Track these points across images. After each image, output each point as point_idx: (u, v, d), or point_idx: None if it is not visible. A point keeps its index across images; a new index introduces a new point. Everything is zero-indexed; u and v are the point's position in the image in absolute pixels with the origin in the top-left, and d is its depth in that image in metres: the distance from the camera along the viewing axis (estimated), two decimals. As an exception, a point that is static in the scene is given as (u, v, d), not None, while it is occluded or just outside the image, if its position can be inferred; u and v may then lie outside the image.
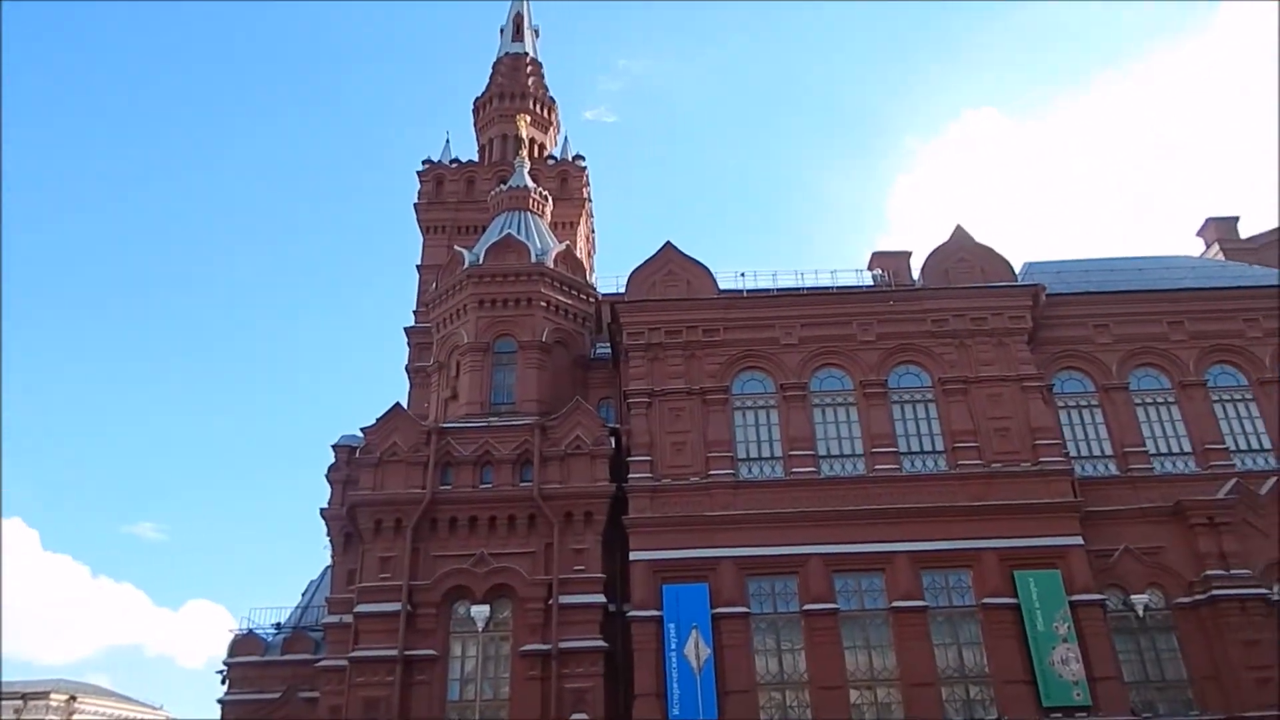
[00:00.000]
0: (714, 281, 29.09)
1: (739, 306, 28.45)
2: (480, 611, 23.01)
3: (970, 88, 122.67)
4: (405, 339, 37.03)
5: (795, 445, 26.33)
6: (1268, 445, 26.86)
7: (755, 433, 26.93)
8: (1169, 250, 35.73)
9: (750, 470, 26.27)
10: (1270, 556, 24.66)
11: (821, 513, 25.00)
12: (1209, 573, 24.27)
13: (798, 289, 29.69)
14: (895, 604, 23.95)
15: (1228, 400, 27.63)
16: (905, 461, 26.29)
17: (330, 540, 29.14)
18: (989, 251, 29.15)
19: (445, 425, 27.40)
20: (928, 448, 26.53)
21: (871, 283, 32.63)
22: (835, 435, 26.85)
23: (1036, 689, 22.72)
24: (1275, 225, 35.94)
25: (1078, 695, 22.44)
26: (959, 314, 27.80)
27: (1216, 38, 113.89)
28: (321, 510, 29.36)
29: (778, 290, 29.61)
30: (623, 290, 29.82)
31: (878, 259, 34.68)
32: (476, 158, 44.82)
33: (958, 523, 24.79)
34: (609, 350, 30.63)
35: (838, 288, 29.89)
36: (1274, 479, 25.51)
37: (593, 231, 47.09)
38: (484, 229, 35.32)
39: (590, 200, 44.78)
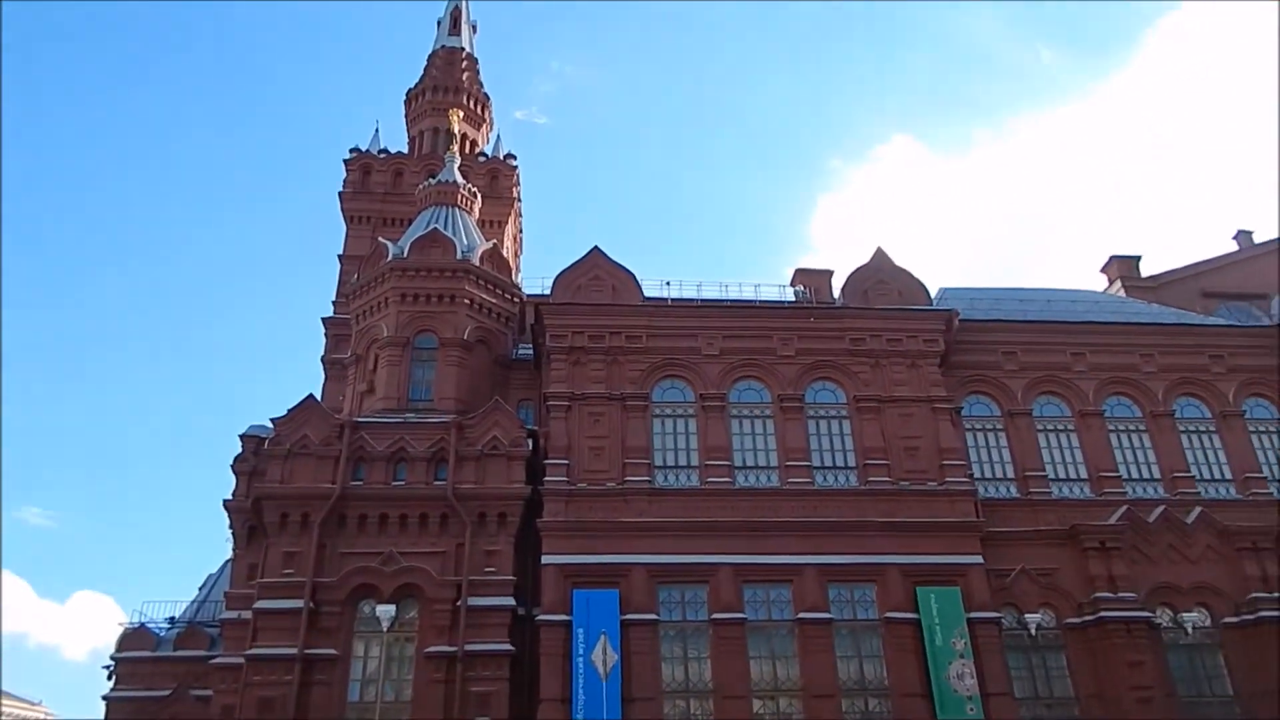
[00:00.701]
0: (639, 289, 29.19)
1: (663, 315, 28.60)
2: (386, 611, 22.57)
3: (894, 118, 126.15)
4: (323, 330, 36.27)
5: (712, 455, 26.57)
6: (1157, 475, 28.15)
7: (673, 441, 27.07)
8: (1076, 284, 37.38)
9: (666, 478, 26.40)
10: (1155, 581, 25.85)
11: (734, 523, 25.26)
12: (1098, 595, 25.30)
13: (722, 301, 30.04)
14: (802, 615, 24.32)
15: (1122, 430, 28.88)
16: (818, 476, 26.74)
17: (232, 533, 28.28)
18: (907, 275, 29.93)
19: (359, 419, 26.84)
20: (840, 463, 27.05)
21: (794, 299, 33.25)
22: (751, 447, 27.17)
23: (933, 702, 23.33)
24: (1173, 266, 37.87)
25: (971, 710, 23.11)
26: (876, 334, 28.44)
27: (1125, 88, 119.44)
28: (225, 502, 28.47)
29: (702, 301, 29.90)
30: (548, 292, 29.73)
31: (800, 275, 35.33)
32: (406, 149, 44.19)
33: (866, 538, 25.32)
34: (531, 352, 30.46)
35: (761, 302, 30.36)
36: (1161, 508, 26.75)
37: (520, 231, 46.83)
38: (410, 222, 34.82)
39: (520, 200, 44.54)
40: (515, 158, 43.26)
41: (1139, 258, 38.03)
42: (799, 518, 25.48)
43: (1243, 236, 39.25)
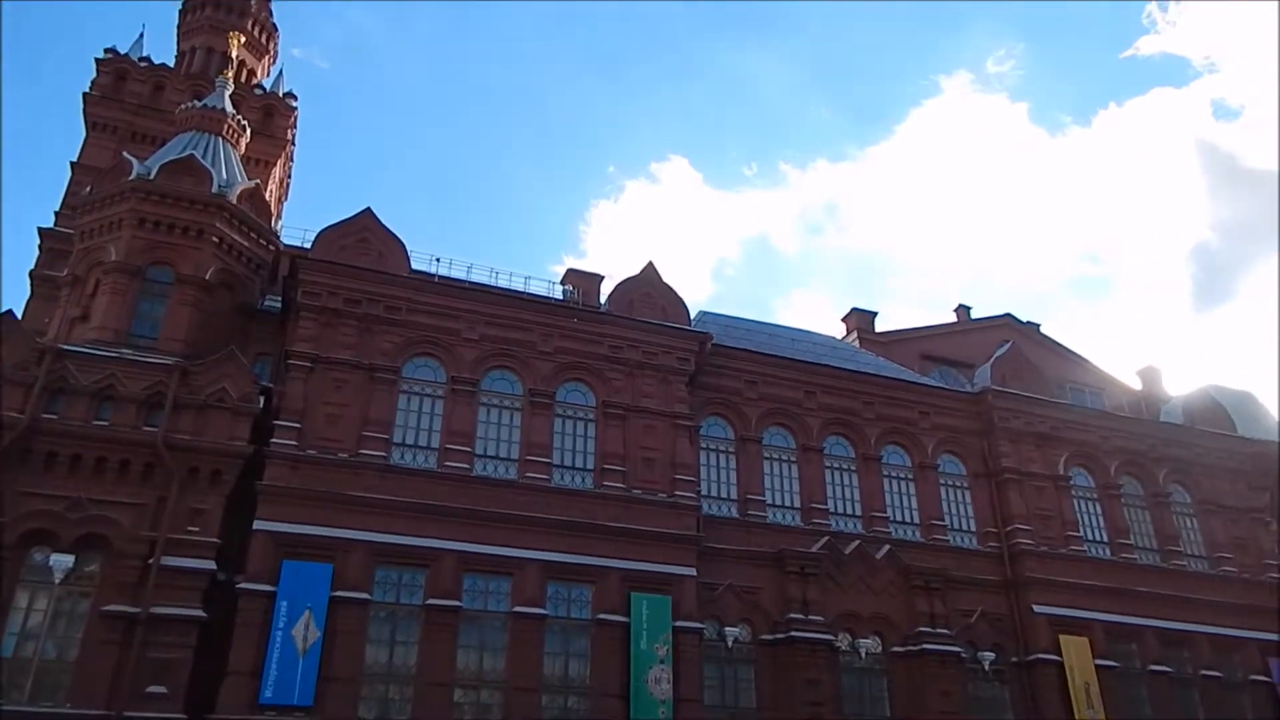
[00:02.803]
0: (407, 259, 28.30)
1: (427, 291, 27.87)
2: (61, 561, 20.30)
3: (675, 139, 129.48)
4: (38, 240, 32.31)
5: (454, 439, 26.17)
6: (859, 512, 30.81)
7: (416, 419, 26.41)
8: (819, 328, 40.33)
9: (404, 456, 25.70)
10: (842, 608, 28.24)
11: (465, 510, 24.97)
12: (791, 615, 27.29)
13: (489, 286, 29.77)
14: (517, 609, 24.44)
15: (836, 468, 31.38)
16: (556, 474, 27.02)
17: (-119, 453, 24.37)
18: (672, 293, 31.01)
19: (66, 347, 24.08)
20: (579, 464, 27.48)
21: (562, 297, 33.51)
22: (495, 437, 27.02)
23: (629, 704, 24.17)
24: (903, 326, 41.90)
25: (663, 714, 24.16)
26: (634, 345, 29.22)
27: (888, 157, 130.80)
28: (-122, 416, 24.49)
29: (469, 284, 29.45)
30: (308, 245, 28.12)
31: (571, 276, 35.70)
32: (172, 64, 40.34)
33: (592, 540, 25.84)
34: (279, 304, 28.67)
35: (528, 295, 30.36)
36: (857, 542, 29.34)
37: (289, 177, 44.09)
38: (164, 143, 31.81)
39: (294, 144, 41.95)
40: (296, 98, 40.71)
41: (875, 314, 41.66)
42: (531, 513, 25.60)
43: (962, 310, 44.05)
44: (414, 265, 28.50)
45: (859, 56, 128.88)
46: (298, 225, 62.00)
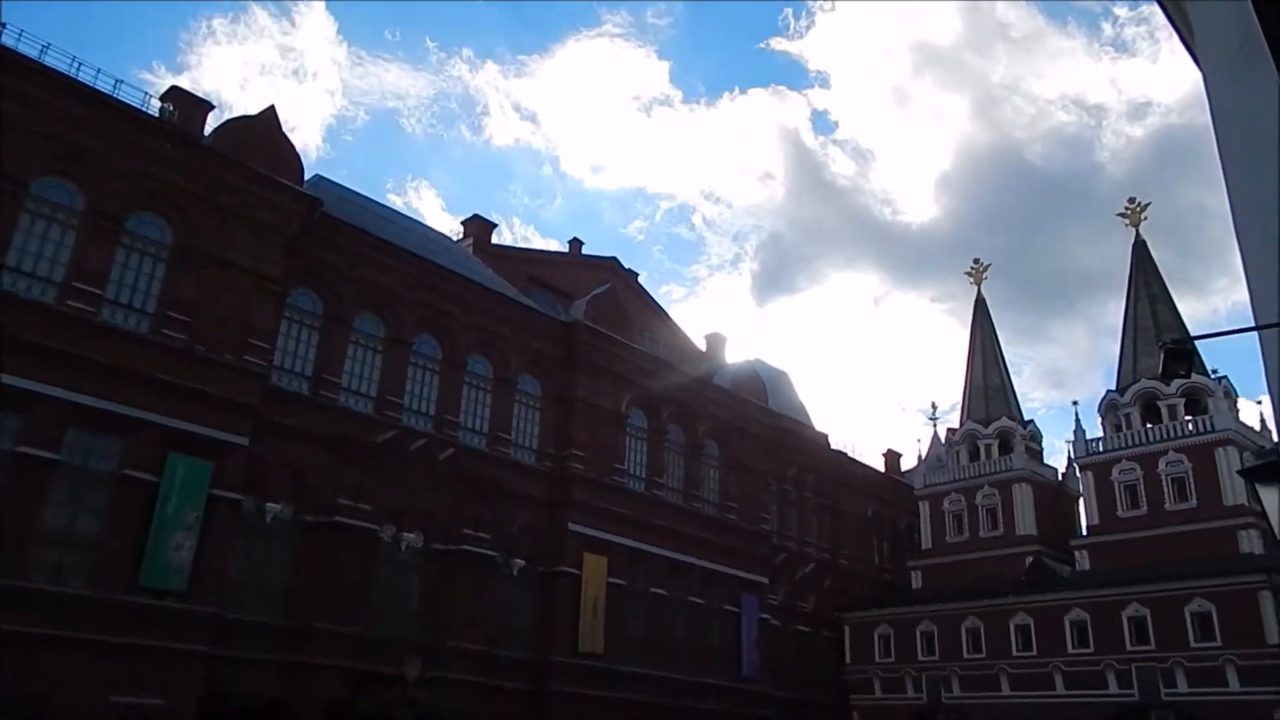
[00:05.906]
0: (-42, 11, 22.88)
1: (-20, 57, 22.80)
2: None
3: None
4: None
5: (-21, 243, 21.93)
6: (433, 413, 31.15)
7: (-69, 208, 21.73)
8: (435, 226, 39.76)
9: (-98, 247, 21.02)
10: (394, 503, 28.50)
11: (-24, 327, 21.11)
12: (341, 501, 27.03)
13: (65, 75, 25.02)
14: (22, 449, 21.36)
15: (420, 366, 31.40)
16: (107, 310, 23.90)
17: None
18: (289, 145, 28.62)
19: None
20: (138, 305, 24.57)
21: (158, 115, 29.27)
22: (36, 252, 23.13)
23: (139, 567, 22.34)
24: (518, 244, 42.80)
25: (177, 582, 22.70)
26: (234, 191, 26.58)
27: (543, 71, 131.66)
28: None
29: (38, 63, 24.52)
30: None
31: (175, 94, 31.21)
32: None
33: (134, 389, 23.20)
34: None
35: (115, 99, 26.05)
36: (424, 440, 29.74)
37: None
38: None
39: None
40: None
41: (495, 225, 42.05)
42: (62, 346, 22.32)
43: (575, 243, 46.06)
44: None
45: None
46: None
